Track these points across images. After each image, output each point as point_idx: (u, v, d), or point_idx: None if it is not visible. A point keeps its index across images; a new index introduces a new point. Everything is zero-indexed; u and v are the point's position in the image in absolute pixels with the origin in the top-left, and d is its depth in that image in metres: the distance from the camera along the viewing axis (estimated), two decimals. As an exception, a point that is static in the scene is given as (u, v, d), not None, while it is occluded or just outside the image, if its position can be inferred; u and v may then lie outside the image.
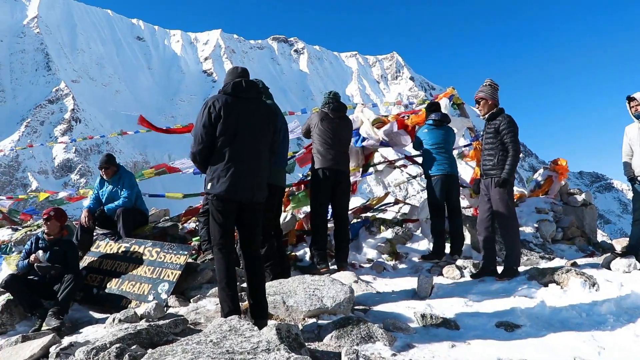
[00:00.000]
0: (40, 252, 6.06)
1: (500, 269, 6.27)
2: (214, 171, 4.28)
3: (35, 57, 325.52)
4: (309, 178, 7.60)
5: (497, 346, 3.89)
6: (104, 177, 7.87)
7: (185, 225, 9.48)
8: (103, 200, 7.80)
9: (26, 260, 6.11)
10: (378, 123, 9.20)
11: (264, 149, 4.58)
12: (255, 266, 4.43)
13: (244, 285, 5.46)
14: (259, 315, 4.25)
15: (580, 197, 9.10)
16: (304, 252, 7.69)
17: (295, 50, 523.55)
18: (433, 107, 8.26)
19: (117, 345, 3.45)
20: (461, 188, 8.21)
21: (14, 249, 8.98)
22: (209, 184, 4.28)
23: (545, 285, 5.54)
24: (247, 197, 4.36)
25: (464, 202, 8.87)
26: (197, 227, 8.26)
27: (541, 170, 9.75)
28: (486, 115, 6.36)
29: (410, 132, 9.10)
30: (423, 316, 4.50)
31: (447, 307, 5.01)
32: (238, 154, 4.30)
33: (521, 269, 6.32)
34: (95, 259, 6.87)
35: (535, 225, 8.22)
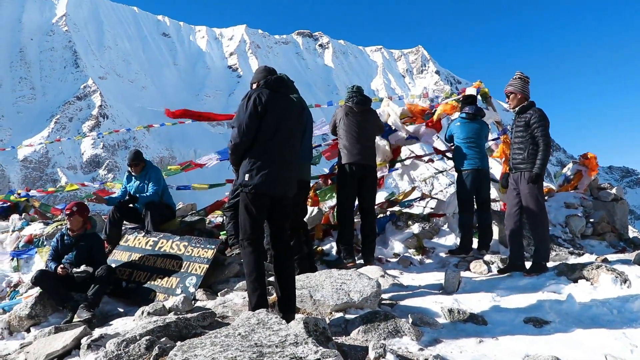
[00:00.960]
0: (66, 264, 6.18)
1: (528, 264, 6.21)
2: (253, 163, 4.27)
3: (64, 55, 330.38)
4: (336, 172, 7.60)
5: (526, 342, 3.86)
6: (132, 172, 7.98)
7: (212, 219, 9.56)
8: (132, 192, 7.92)
9: (53, 265, 6.20)
10: (406, 118, 9.14)
11: (298, 144, 4.64)
12: (285, 260, 4.44)
13: (271, 279, 5.51)
14: (288, 309, 4.27)
15: (611, 192, 8.95)
16: (331, 247, 7.69)
17: (320, 45, 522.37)
18: (468, 99, 8.08)
19: (147, 337, 3.50)
20: (491, 183, 8.12)
21: (45, 243, 9.17)
22: (246, 176, 4.26)
23: (575, 281, 5.47)
24: (282, 191, 4.40)
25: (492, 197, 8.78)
26: (224, 222, 8.31)
27: (570, 165, 9.61)
28: (516, 109, 6.26)
29: (436, 124, 9.01)
30: (450, 311, 4.48)
31: (474, 302, 4.98)
32: (278, 148, 4.34)
33: (550, 264, 6.25)
34: (124, 252, 6.97)
35: (564, 220, 8.11)
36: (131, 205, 7.87)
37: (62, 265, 6.09)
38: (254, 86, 4.65)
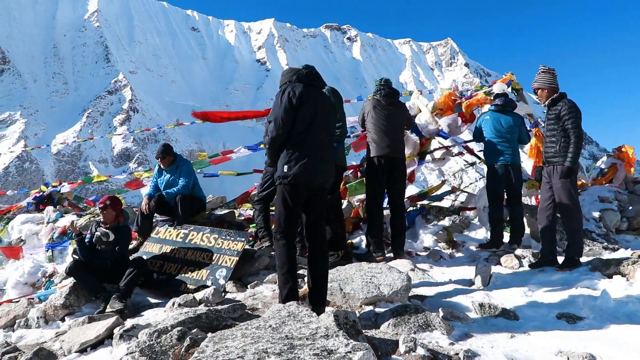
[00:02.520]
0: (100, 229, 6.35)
1: (560, 259, 6.11)
2: (291, 155, 4.31)
3: (96, 50, 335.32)
4: (365, 165, 7.58)
5: (559, 338, 3.79)
6: (162, 166, 8.07)
7: (242, 212, 9.62)
8: (162, 188, 7.99)
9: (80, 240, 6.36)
10: (437, 110, 9.06)
11: (333, 135, 4.71)
12: (320, 253, 4.46)
13: (301, 272, 5.53)
14: (318, 302, 4.28)
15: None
16: (360, 240, 7.68)
17: (348, 38, 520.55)
18: (500, 94, 7.89)
19: (179, 328, 3.54)
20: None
21: (79, 234, 9.33)
22: (285, 167, 4.30)
23: (609, 276, 5.36)
24: (320, 181, 4.45)
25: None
26: (253, 215, 8.36)
27: (604, 158, 9.42)
28: (547, 102, 6.16)
29: (470, 118, 8.92)
30: (481, 306, 4.44)
31: (505, 297, 4.93)
32: (314, 139, 4.39)
33: (583, 259, 6.15)
34: (155, 244, 7.05)
35: (598, 214, 7.96)
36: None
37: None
38: (293, 79, 4.66)
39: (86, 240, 6.38)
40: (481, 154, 8.58)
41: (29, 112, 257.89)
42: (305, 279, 4.63)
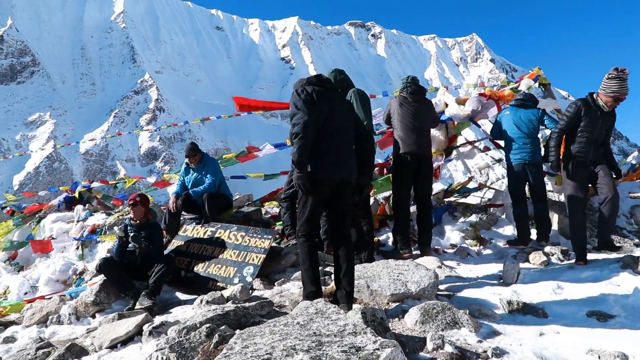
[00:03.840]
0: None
1: (590, 255, 6.06)
2: (312, 152, 4.32)
3: (122, 51, 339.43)
4: (391, 162, 7.56)
5: (589, 336, 3.74)
6: (190, 164, 8.15)
7: (268, 209, 9.68)
8: (189, 187, 8.07)
9: (115, 244, 6.58)
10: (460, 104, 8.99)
11: (352, 134, 4.68)
12: (346, 250, 4.48)
13: (328, 269, 5.55)
14: (345, 299, 4.30)
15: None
16: (387, 237, 7.67)
17: (373, 35, 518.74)
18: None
19: (207, 325, 3.58)
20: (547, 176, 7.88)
21: (108, 232, 9.50)
22: (307, 165, 4.33)
23: (642, 274, 5.27)
24: (343, 176, 4.47)
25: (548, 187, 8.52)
26: (280, 212, 8.41)
27: (635, 153, 9.28)
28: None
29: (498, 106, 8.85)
30: (509, 303, 4.40)
31: (534, 294, 4.87)
32: (332, 135, 4.42)
33: (614, 256, 6.06)
34: (183, 242, 7.13)
35: (629, 211, 7.82)
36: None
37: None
38: (305, 82, 4.71)
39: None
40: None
41: (58, 112, 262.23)
42: (332, 276, 4.65)
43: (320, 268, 4.79)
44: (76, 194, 12.90)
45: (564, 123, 6.21)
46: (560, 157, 6.32)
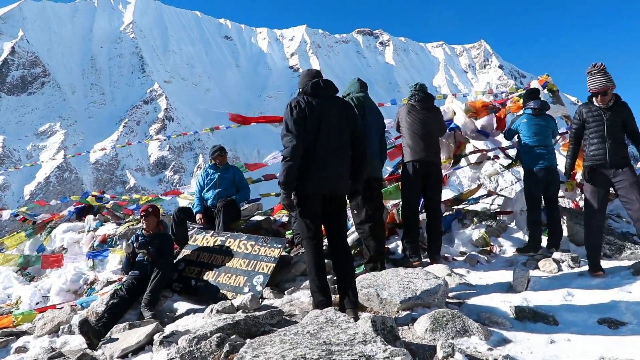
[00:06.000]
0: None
1: (604, 263, 6.02)
2: (300, 166, 4.42)
3: (131, 61, 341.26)
4: (400, 171, 7.56)
5: (600, 343, 3.73)
6: (217, 163, 8.37)
7: (277, 218, 9.71)
8: (210, 186, 8.23)
9: (125, 257, 6.74)
10: (470, 113, 8.99)
11: (346, 143, 4.69)
12: (344, 258, 4.57)
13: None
14: (353, 305, 4.35)
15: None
16: (396, 245, 7.66)
17: (381, 43, 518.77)
18: (532, 94, 7.75)
19: (218, 334, 3.60)
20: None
21: (118, 242, 9.56)
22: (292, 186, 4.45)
23: (654, 281, 5.24)
24: (330, 190, 4.55)
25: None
26: (289, 221, 8.43)
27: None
28: (609, 104, 5.99)
29: (502, 121, 8.85)
30: (520, 310, 4.40)
31: (544, 302, 4.86)
32: (321, 150, 4.47)
33: (625, 263, 6.03)
34: (193, 252, 7.15)
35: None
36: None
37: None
38: (300, 91, 4.79)
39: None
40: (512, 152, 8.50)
41: (68, 122, 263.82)
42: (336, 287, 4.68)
43: (329, 277, 4.82)
44: (93, 201, 13.03)
45: (573, 129, 6.21)
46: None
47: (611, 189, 6.02)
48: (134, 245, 6.62)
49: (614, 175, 5.85)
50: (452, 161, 9.12)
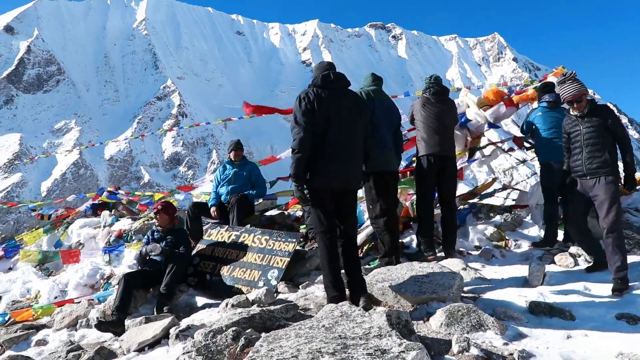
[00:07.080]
0: (149, 246, 6.61)
1: None
2: (310, 160, 4.45)
3: (144, 58, 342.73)
4: (414, 164, 7.53)
5: (619, 339, 3.67)
6: (233, 158, 8.45)
7: (292, 213, 9.73)
8: (226, 180, 8.31)
9: (138, 252, 6.79)
10: (484, 106, 8.93)
11: (357, 137, 4.71)
12: (352, 252, 4.65)
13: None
14: (365, 295, 4.44)
15: None
16: (411, 239, 7.63)
17: (393, 37, 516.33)
18: (547, 87, 7.67)
19: (233, 328, 3.61)
20: None
21: (134, 237, 9.64)
22: (307, 174, 4.49)
23: (672, 275, 5.17)
24: (341, 185, 4.59)
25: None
26: (303, 215, 8.44)
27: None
28: (585, 111, 5.77)
29: (514, 104, 8.78)
30: (535, 305, 4.37)
31: (560, 296, 4.82)
32: (331, 144, 4.49)
33: (642, 257, 5.95)
34: (207, 246, 7.19)
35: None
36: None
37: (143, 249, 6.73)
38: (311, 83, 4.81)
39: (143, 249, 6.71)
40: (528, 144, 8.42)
41: (83, 120, 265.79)
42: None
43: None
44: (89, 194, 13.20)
45: (563, 143, 6.01)
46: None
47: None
48: (145, 249, 6.66)
49: (592, 187, 5.53)
50: (467, 154, 9.06)
